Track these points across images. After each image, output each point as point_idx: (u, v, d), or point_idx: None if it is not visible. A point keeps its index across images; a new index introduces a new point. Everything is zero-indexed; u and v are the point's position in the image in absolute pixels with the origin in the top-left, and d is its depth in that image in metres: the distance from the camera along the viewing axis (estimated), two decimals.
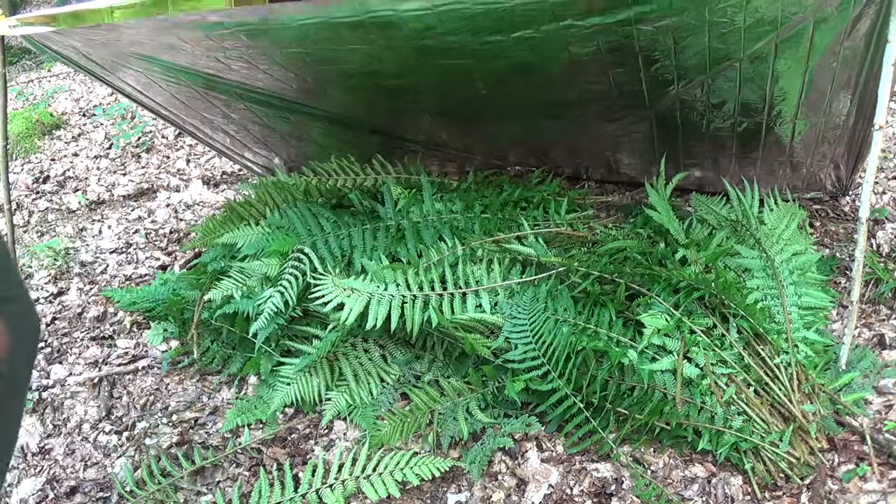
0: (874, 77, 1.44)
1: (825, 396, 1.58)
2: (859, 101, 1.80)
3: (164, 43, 1.87)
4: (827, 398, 1.58)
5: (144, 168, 3.60)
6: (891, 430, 1.54)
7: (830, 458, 1.51)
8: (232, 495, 1.65)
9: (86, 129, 4.11)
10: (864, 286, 1.94)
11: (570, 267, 1.81)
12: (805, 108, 1.85)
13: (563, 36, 1.60)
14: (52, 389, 2.11)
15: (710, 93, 1.86)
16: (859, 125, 1.92)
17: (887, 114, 1.40)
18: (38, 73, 5.33)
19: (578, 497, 1.53)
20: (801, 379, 1.57)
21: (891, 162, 2.56)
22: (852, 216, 2.29)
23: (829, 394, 1.58)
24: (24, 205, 3.36)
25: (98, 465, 1.83)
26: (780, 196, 1.98)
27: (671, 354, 1.63)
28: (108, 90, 4.34)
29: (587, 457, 1.60)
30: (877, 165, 1.42)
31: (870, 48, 1.55)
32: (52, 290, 2.61)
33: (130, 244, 2.90)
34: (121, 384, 2.10)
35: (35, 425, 1.98)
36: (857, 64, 1.63)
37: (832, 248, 2.15)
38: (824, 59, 1.62)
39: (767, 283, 1.76)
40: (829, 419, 1.56)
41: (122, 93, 2.50)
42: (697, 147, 2.20)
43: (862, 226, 1.44)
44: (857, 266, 1.48)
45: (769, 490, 1.47)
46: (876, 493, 1.42)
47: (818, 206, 2.35)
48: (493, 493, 1.54)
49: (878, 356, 1.74)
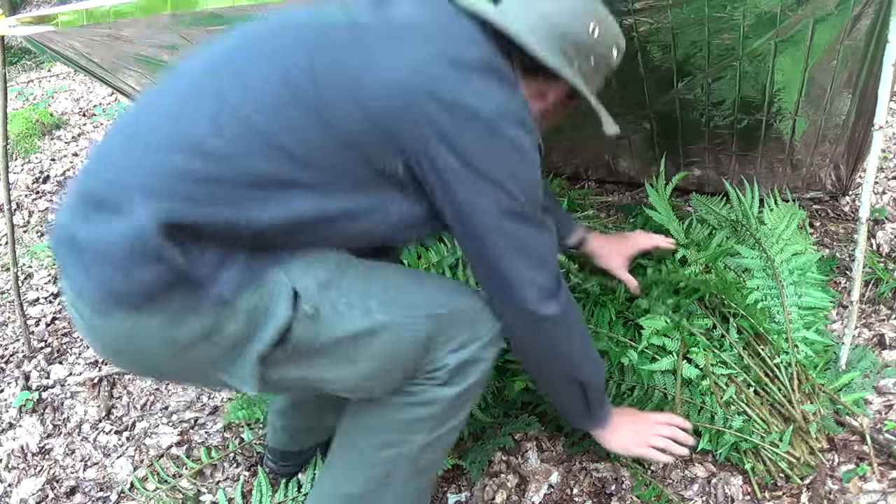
0: (874, 77, 1.44)
1: (825, 396, 1.58)
2: (859, 100, 1.80)
3: (166, 42, 1.86)
4: (827, 398, 1.58)
5: None
6: (891, 430, 1.54)
7: (830, 458, 1.51)
8: (233, 495, 1.65)
9: (86, 129, 4.11)
10: (864, 286, 1.94)
11: (568, 268, 1.81)
12: (805, 106, 1.85)
13: None
14: (52, 389, 2.11)
15: (710, 91, 1.86)
16: (859, 125, 1.92)
17: (887, 114, 1.40)
18: (38, 73, 5.34)
19: (578, 497, 1.53)
20: (801, 379, 1.57)
21: (891, 162, 2.56)
22: (852, 216, 2.29)
23: (829, 394, 1.58)
24: (24, 205, 3.36)
25: (98, 465, 1.83)
26: (779, 196, 1.98)
27: (671, 354, 1.63)
28: (108, 90, 4.34)
29: (587, 457, 1.60)
30: (877, 165, 1.42)
31: (870, 48, 1.55)
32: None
33: None
34: (121, 384, 2.10)
35: (35, 425, 1.98)
36: (858, 63, 1.63)
37: (832, 248, 2.15)
38: (824, 58, 1.62)
39: (767, 283, 1.76)
40: (829, 419, 1.56)
41: (122, 93, 2.50)
42: (697, 146, 2.20)
43: (862, 226, 1.44)
44: (857, 266, 1.48)
45: (769, 490, 1.47)
46: (876, 493, 1.42)
47: (818, 206, 2.35)
48: (494, 492, 1.54)
49: (878, 356, 1.74)
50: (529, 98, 1.11)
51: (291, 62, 0.98)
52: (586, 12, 1.10)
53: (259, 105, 0.97)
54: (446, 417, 1.15)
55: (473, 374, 1.13)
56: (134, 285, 0.92)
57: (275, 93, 0.97)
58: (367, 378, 1.08)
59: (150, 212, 0.91)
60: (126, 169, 0.97)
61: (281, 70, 0.98)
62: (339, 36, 1.01)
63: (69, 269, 0.98)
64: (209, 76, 1.03)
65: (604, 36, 1.12)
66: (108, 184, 0.97)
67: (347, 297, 1.04)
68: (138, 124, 1.03)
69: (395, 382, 1.11)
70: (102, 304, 0.96)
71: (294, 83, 0.97)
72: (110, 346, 1.02)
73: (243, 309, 0.97)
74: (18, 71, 5.49)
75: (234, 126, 0.96)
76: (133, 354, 1.02)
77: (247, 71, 1.00)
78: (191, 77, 1.05)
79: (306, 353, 1.03)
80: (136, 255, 0.91)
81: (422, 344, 1.08)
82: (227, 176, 0.95)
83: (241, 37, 1.07)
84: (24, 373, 2.18)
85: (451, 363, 1.10)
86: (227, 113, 0.97)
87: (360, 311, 1.04)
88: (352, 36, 1.01)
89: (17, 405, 2.04)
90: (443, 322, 1.10)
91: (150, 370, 1.13)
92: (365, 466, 1.18)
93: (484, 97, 0.98)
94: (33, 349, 2.27)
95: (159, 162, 0.96)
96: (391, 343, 1.06)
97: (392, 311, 1.07)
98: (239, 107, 0.97)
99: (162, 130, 0.99)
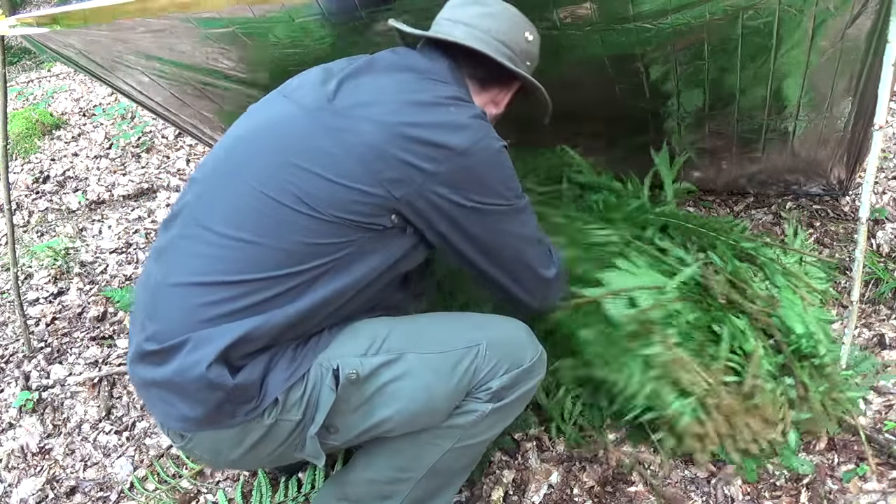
0: (874, 77, 1.44)
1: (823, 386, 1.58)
2: (859, 101, 1.80)
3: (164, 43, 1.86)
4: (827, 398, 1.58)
5: (144, 168, 3.60)
6: (891, 430, 1.54)
7: (830, 458, 1.51)
8: (233, 495, 1.65)
9: (86, 129, 4.11)
10: (864, 286, 1.94)
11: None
12: (805, 107, 1.85)
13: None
14: (52, 389, 2.11)
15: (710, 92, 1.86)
16: (859, 125, 1.92)
17: (887, 114, 1.40)
18: (38, 73, 5.34)
19: (578, 497, 1.53)
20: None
21: (891, 162, 2.56)
22: (852, 216, 2.29)
23: (829, 394, 1.58)
24: (24, 205, 3.36)
25: (98, 465, 1.83)
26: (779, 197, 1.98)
27: None
28: (108, 90, 4.34)
29: (587, 457, 1.60)
30: (877, 165, 1.42)
31: (870, 48, 1.55)
32: (52, 290, 2.61)
33: (130, 244, 2.90)
34: (121, 384, 2.10)
35: (35, 425, 1.98)
36: (858, 64, 1.63)
37: (832, 248, 2.15)
38: (824, 59, 1.62)
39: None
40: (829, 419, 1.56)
41: (122, 92, 2.50)
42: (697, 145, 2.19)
43: (862, 226, 1.44)
44: (857, 266, 1.48)
45: (769, 490, 1.47)
46: (876, 493, 1.42)
47: (818, 206, 2.35)
48: (493, 492, 1.54)
49: (877, 356, 1.74)
50: (484, 105, 1.28)
51: (261, 171, 1.11)
52: (520, 24, 1.29)
53: (261, 217, 1.10)
54: (477, 431, 1.25)
55: (513, 394, 1.24)
56: (205, 411, 1.08)
57: (263, 205, 1.09)
58: (418, 413, 1.18)
59: (204, 351, 1.05)
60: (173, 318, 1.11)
61: (256, 181, 1.11)
62: (301, 130, 1.13)
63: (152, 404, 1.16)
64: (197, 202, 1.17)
65: (535, 39, 1.32)
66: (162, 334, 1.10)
67: (386, 354, 1.16)
68: (159, 268, 1.16)
69: (447, 411, 1.21)
70: (181, 430, 1.13)
71: (276, 197, 1.09)
72: (194, 452, 1.21)
73: (293, 403, 1.11)
74: (18, 71, 5.49)
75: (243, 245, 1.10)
76: (213, 456, 1.19)
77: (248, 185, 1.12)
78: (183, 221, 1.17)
79: (358, 409, 1.15)
80: (202, 388, 1.05)
81: (464, 373, 1.19)
82: (256, 285, 1.08)
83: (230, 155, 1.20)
84: (24, 373, 2.18)
85: (494, 386, 1.21)
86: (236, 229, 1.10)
87: (397, 358, 1.16)
88: (312, 125, 1.13)
89: (17, 405, 2.04)
90: (479, 356, 1.20)
91: (228, 465, 1.30)
92: (390, 454, 1.25)
93: (451, 128, 1.12)
94: (33, 349, 2.27)
95: (191, 297, 1.09)
96: (427, 376, 1.17)
97: (428, 349, 1.19)
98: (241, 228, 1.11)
99: (187, 267, 1.12)
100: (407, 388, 1.15)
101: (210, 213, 1.12)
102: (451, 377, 1.17)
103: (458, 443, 1.24)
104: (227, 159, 1.18)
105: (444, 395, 1.18)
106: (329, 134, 1.10)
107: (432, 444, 1.23)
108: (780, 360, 1.56)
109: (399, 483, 1.26)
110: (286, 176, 1.09)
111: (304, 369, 1.11)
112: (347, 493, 1.31)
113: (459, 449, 1.25)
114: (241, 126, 1.23)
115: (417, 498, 1.28)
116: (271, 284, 1.07)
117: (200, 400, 1.07)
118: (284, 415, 1.11)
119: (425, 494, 1.29)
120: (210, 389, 1.05)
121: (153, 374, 1.10)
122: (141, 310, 1.16)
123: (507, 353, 1.23)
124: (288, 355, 1.11)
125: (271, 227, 1.08)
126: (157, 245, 1.19)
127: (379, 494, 1.28)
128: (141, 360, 1.12)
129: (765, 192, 2.42)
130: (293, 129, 1.13)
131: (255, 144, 1.15)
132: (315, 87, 1.17)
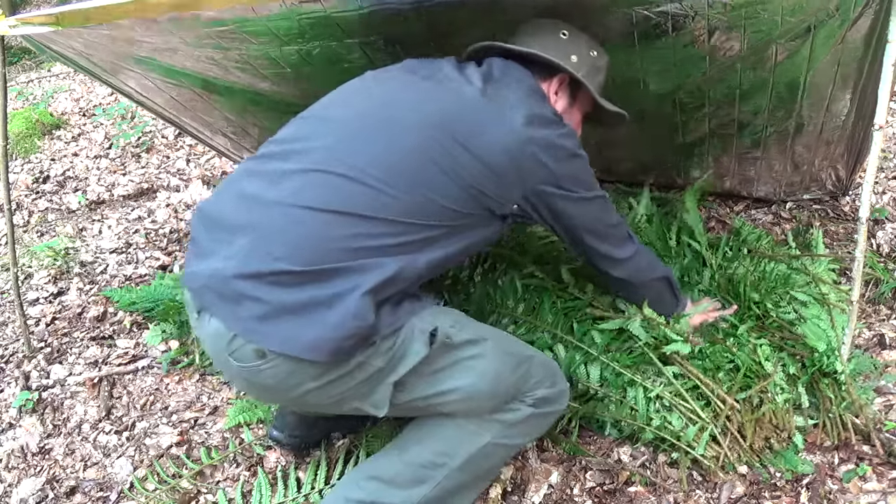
0: (874, 77, 1.44)
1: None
2: (859, 101, 1.80)
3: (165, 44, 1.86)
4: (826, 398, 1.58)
5: (144, 168, 3.60)
6: (891, 430, 1.54)
7: (830, 458, 1.51)
8: (233, 495, 1.65)
9: (86, 129, 4.10)
10: (864, 286, 1.94)
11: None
12: (805, 107, 1.85)
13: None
14: (52, 389, 2.11)
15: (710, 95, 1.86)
16: (859, 125, 1.92)
17: (887, 114, 1.40)
18: (38, 73, 5.34)
19: (578, 497, 1.53)
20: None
21: (891, 162, 2.56)
22: (852, 216, 2.29)
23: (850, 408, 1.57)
24: (24, 205, 3.35)
25: (98, 465, 1.83)
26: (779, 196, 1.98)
27: None
28: (108, 90, 4.34)
29: (587, 456, 1.60)
30: (877, 165, 1.42)
31: (870, 48, 1.55)
32: (52, 290, 2.61)
33: (130, 244, 2.90)
34: (121, 384, 2.10)
35: (35, 425, 1.98)
36: (857, 64, 1.63)
37: (832, 248, 2.15)
38: (824, 59, 1.62)
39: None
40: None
41: (123, 93, 2.50)
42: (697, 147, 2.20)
43: (862, 226, 1.44)
44: (857, 266, 1.48)
45: (769, 490, 1.47)
46: (876, 493, 1.42)
47: (818, 206, 2.36)
48: (493, 492, 1.54)
49: (878, 356, 1.74)
50: (570, 119, 1.46)
51: (426, 135, 1.23)
52: (586, 43, 1.46)
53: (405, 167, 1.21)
54: (512, 433, 1.37)
55: (547, 407, 1.40)
56: (336, 341, 1.12)
57: (416, 160, 1.21)
58: (481, 392, 1.30)
59: (359, 280, 1.13)
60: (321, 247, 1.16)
61: (417, 141, 1.23)
62: (454, 105, 1.28)
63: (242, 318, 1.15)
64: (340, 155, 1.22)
65: (601, 54, 1.49)
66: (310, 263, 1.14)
67: (470, 333, 1.32)
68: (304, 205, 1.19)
69: (502, 400, 1.34)
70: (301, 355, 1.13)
71: (430, 152, 1.22)
72: (259, 377, 1.18)
73: (384, 350, 1.19)
74: (18, 71, 5.49)
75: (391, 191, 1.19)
76: (279, 390, 1.20)
77: (389, 140, 1.23)
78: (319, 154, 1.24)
79: (435, 374, 1.26)
80: (347, 317, 1.11)
81: (522, 374, 1.36)
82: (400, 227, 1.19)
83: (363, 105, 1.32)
84: (24, 373, 2.18)
85: (538, 394, 1.38)
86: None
87: (479, 340, 1.32)
88: (466, 104, 1.28)
89: (17, 405, 2.04)
90: (533, 365, 1.38)
91: (285, 398, 1.30)
92: (434, 438, 1.34)
93: (561, 140, 1.32)
94: (33, 349, 2.27)
95: (337, 227, 1.16)
96: (498, 363, 1.32)
97: (499, 344, 1.36)
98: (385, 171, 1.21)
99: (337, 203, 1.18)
100: (480, 367, 1.29)
101: (359, 156, 1.20)
102: (514, 372, 1.34)
103: (495, 439, 1.34)
104: (377, 114, 1.27)
105: (506, 385, 1.33)
106: (485, 123, 1.25)
107: (476, 434, 1.33)
108: (793, 369, 1.60)
109: (436, 468, 1.31)
110: (448, 146, 1.22)
111: (400, 324, 1.20)
112: (381, 473, 1.34)
113: (493, 446, 1.35)
114: (382, 86, 1.35)
115: (447, 489, 1.32)
116: (413, 230, 1.19)
117: (338, 326, 1.11)
118: (371, 359, 1.18)
119: (454, 488, 1.34)
120: (354, 319, 1.11)
121: (280, 295, 1.11)
122: (233, 223, 1.19)
123: (550, 374, 1.42)
124: (392, 307, 1.19)
125: (422, 182, 1.20)
126: (266, 168, 1.24)
127: (413, 477, 1.32)
128: (257, 279, 1.12)
129: (765, 199, 2.43)
130: (460, 109, 1.27)
131: (418, 110, 1.26)
132: (459, 79, 1.31)
